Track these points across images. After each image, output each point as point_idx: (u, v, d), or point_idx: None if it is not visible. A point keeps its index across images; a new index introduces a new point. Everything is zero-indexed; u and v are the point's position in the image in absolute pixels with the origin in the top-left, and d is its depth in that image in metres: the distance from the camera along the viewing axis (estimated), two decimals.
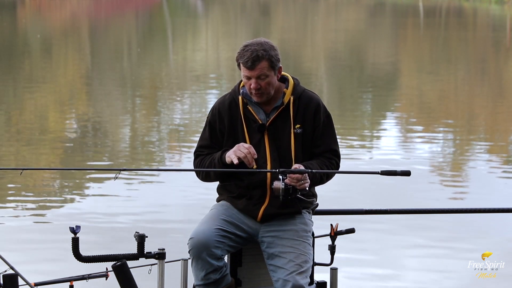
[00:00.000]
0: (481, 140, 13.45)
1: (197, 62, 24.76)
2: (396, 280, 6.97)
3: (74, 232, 4.27)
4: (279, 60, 4.34)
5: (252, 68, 4.28)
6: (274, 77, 4.34)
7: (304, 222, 4.39)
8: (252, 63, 4.26)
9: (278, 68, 4.35)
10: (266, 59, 4.28)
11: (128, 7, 48.35)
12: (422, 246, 7.75)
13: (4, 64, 22.57)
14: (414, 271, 7.15)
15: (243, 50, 4.30)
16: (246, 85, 4.35)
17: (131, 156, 11.81)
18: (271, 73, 4.31)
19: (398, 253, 7.59)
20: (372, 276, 7.00)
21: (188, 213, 8.60)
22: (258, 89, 4.31)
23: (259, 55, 4.26)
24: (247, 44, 4.32)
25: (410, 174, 4.18)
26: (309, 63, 24.75)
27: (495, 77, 22.22)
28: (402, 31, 37.18)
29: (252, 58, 4.26)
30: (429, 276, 7.00)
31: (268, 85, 4.32)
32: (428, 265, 7.25)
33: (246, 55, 4.27)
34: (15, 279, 4.22)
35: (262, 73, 4.29)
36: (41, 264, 7.06)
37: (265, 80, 4.30)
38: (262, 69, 4.28)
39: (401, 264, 7.32)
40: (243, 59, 4.29)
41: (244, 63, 4.28)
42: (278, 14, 47.33)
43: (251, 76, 4.30)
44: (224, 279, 4.31)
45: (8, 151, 11.87)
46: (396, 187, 9.58)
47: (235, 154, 4.25)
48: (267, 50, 4.29)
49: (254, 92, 4.32)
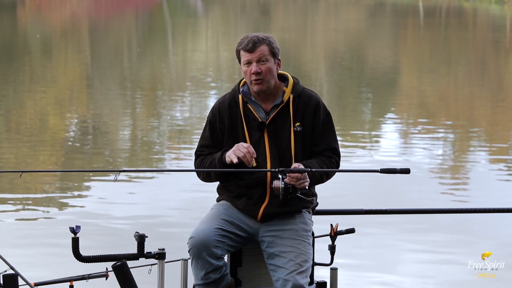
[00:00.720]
0: (481, 140, 13.45)
1: (197, 62, 24.76)
2: (396, 279, 6.97)
3: (74, 232, 4.27)
4: (279, 50, 4.39)
5: (252, 50, 4.31)
6: (274, 65, 4.36)
7: (304, 222, 4.39)
8: (253, 45, 4.31)
9: (278, 58, 4.37)
10: (267, 43, 4.34)
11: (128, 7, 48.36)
12: (422, 246, 7.75)
13: (4, 64, 22.57)
14: (414, 271, 7.15)
15: (242, 38, 4.38)
16: (247, 73, 4.35)
17: (131, 157, 11.81)
18: (271, 59, 4.34)
19: (398, 253, 7.59)
20: (372, 276, 7.00)
21: (188, 213, 8.61)
22: (259, 74, 4.31)
23: (260, 39, 4.33)
24: (246, 35, 4.39)
25: (409, 172, 4.19)
26: (309, 63, 24.75)
27: (495, 77, 22.23)
28: (402, 31, 37.19)
29: (252, 41, 4.32)
30: (429, 276, 7.00)
31: (268, 71, 4.33)
32: (428, 265, 7.25)
33: (246, 41, 4.34)
34: (15, 279, 4.22)
35: (262, 55, 4.31)
36: (41, 264, 7.06)
37: (265, 65, 4.32)
38: (263, 51, 4.32)
39: (401, 264, 7.32)
40: (243, 45, 4.34)
41: (245, 46, 4.32)
42: (278, 14, 47.33)
43: (251, 60, 4.32)
44: (224, 278, 4.31)
45: (8, 151, 11.87)
46: (396, 187, 9.58)
47: (234, 154, 4.25)
48: (267, 37, 4.37)
49: (254, 78, 4.32)
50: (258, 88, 4.34)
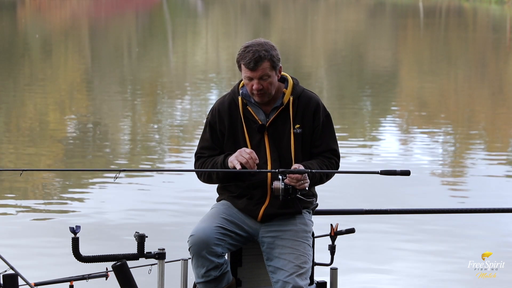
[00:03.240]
0: (481, 140, 13.45)
1: (197, 62, 24.75)
2: (396, 279, 6.97)
3: (74, 232, 4.27)
4: (280, 59, 4.35)
5: (254, 69, 4.27)
6: (275, 77, 4.34)
7: (304, 223, 4.39)
8: (255, 64, 4.25)
9: (278, 68, 4.36)
10: (268, 59, 4.27)
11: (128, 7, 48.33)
12: (422, 246, 7.75)
13: (4, 64, 22.57)
14: (414, 270, 7.15)
15: (244, 51, 4.29)
16: (248, 86, 4.34)
17: (131, 157, 11.81)
18: (272, 73, 4.31)
19: (398, 253, 7.59)
20: (372, 276, 7.00)
21: (188, 213, 8.60)
22: (260, 90, 4.31)
23: (261, 55, 4.25)
24: (247, 45, 4.31)
25: (409, 174, 4.19)
26: (309, 64, 24.74)
27: (495, 78, 22.22)
28: (402, 31, 37.18)
29: (254, 59, 4.25)
30: (429, 276, 7.00)
31: (270, 85, 4.32)
32: (428, 265, 7.25)
33: (248, 56, 4.26)
34: (15, 279, 4.22)
35: (264, 73, 4.29)
36: (41, 264, 7.05)
37: (267, 81, 4.30)
38: (264, 69, 4.28)
39: (401, 264, 7.32)
40: (244, 60, 4.27)
41: (246, 64, 4.27)
42: (278, 15, 47.32)
43: (253, 77, 4.29)
44: (224, 276, 4.30)
45: (8, 151, 11.87)
46: (396, 187, 9.58)
47: (237, 160, 4.25)
48: (269, 50, 4.29)
49: (256, 93, 4.32)
50: (259, 100, 4.35)
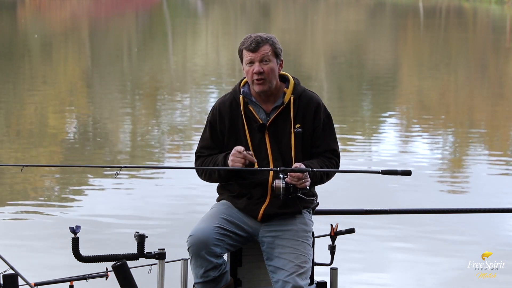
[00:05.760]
0: (481, 140, 13.45)
1: (197, 62, 24.76)
2: (396, 279, 6.97)
3: (74, 232, 4.27)
4: (282, 51, 4.40)
5: (255, 50, 4.32)
6: (276, 66, 4.36)
7: (304, 222, 4.39)
8: (256, 45, 4.32)
9: (280, 59, 4.38)
10: (270, 44, 4.35)
11: (128, 7, 48.34)
12: (422, 246, 7.75)
13: (4, 64, 22.57)
14: (414, 270, 7.15)
15: (245, 38, 4.39)
16: (248, 74, 4.35)
17: (131, 157, 11.81)
18: (273, 59, 4.35)
19: (398, 253, 7.59)
20: (372, 276, 7.00)
21: (188, 213, 8.61)
22: (261, 74, 4.31)
23: (263, 39, 4.34)
24: (249, 34, 4.41)
25: (410, 174, 4.19)
26: (309, 64, 24.74)
27: (495, 77, 22.22)
28: (402, 31, 37.18)
29: (256, 41, 4.33)
30: (429, 276, 7.00)
31: (270, 71, 4.33)
32: (428, 265, 7.25)
33: (249, 40, 4.35)
34: (15, 279, 4.22)
35: (265, 55, 4.32)
36: (41, 264, 7.06)
37: (268, 65, 4.32)
38: (266, 51, 4.33)
39: (401, 264, 7.32)
40: (246, 44, 4.35)
41: (248, 46, 4.34)
42: (278, 14, 47.31)
43: (254, 59, 4.32)
44: (223, 277, 4.30)
45: (8, 151, 11.87)
46: (396, 187, 9.58)
47: (235, 165, 4.26)
48: (270, 37, 4.38)
49: (256, 78, 4.32)
50: (259, 88, 4.34)
